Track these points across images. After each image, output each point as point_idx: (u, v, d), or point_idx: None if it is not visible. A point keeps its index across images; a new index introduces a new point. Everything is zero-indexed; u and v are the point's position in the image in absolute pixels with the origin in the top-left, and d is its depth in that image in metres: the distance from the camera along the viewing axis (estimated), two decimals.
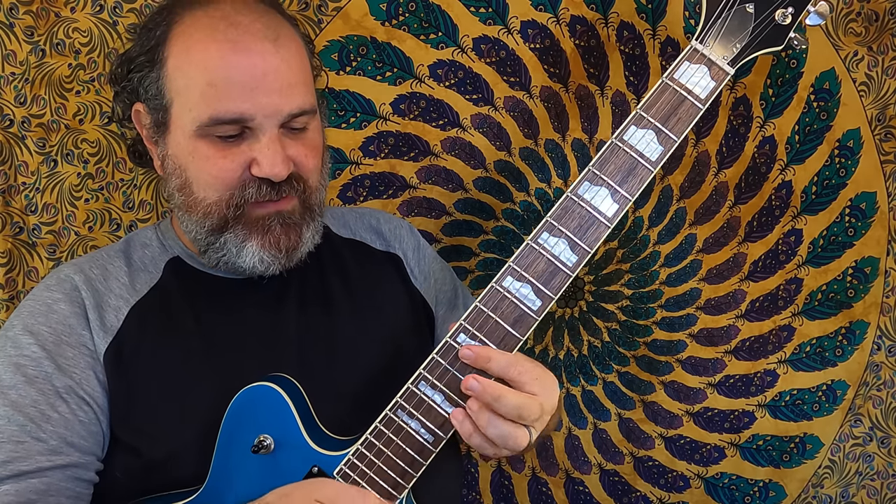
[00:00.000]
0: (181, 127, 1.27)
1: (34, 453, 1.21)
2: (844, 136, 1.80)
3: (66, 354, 1.27)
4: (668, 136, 1.16)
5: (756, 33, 1.17)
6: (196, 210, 1.29)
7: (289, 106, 1.26)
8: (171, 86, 1.27)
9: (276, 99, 1.24)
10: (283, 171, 1.25)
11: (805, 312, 1.88)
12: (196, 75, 1.24)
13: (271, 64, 1.25)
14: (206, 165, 1.26)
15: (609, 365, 1.92)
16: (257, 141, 1.25)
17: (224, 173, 1.26)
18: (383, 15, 1.73)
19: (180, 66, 1.26)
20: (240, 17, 1.27)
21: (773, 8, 1.17)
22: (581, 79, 1.79)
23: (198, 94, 1.24)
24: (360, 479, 1.19)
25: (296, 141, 1.29)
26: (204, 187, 1.28)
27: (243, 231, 1.29)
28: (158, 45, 1.29)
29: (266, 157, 1.24)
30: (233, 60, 1.23)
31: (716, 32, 1.17)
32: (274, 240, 1.29)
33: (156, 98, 1.29)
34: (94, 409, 1.27)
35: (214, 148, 1.25)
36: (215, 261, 1.32)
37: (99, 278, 1.35)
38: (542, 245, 1.16)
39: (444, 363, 1.17)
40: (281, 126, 1.26)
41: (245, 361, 1.32)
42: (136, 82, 1.32)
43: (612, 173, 1.16)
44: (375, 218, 1.56)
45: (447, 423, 1.18)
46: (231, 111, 1.23)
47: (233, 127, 1.24)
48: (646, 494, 1.97)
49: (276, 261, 1.30)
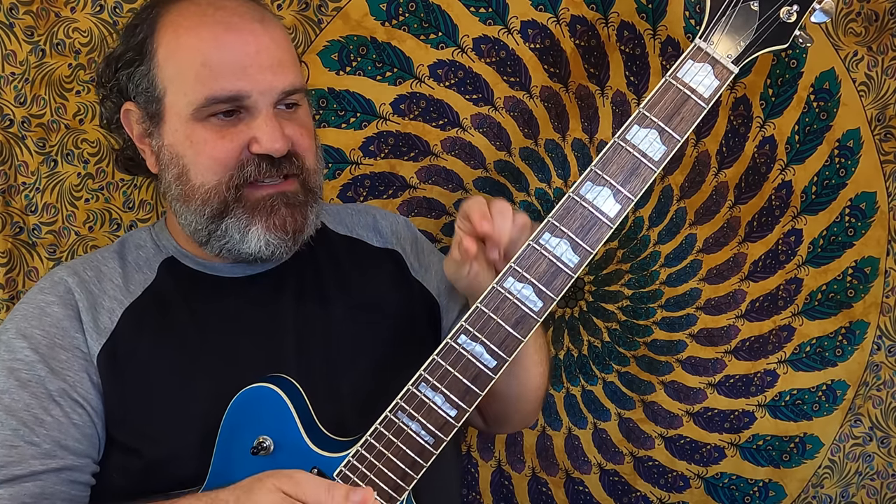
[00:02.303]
0: (177, 114, 1.28)
1: (28, 457, 1.21)
2: (844, 136, 1.80)
3: (60, 357, 1.27)
4: (671, 136, 1.16)
5: (761, 31, 1.16)
6: (194, 198, 1.30)
7: (282, 82, 1.28)
8: (163, 75, 1.29)
9: (269, 76, 1.27)
10: (283, 147, 1.27)
11: (805, 312, 1.88)
12: (189, 59, 1.26)
13: (262, 42, 1.28)
14: (204, 149, 1.27)
15: (609, 365, 1.92)
16: (254, 119, 1.27)
17: (223, 154, 1.27)
18: (383, 15, 1.73)
19: (172, 54, 1.28)
20: (224, 1, 1.30)
21: (779, 5, 1.16)
22: (581, 79, 1.79)
23: (192, 77, 1.26)
24: (359, 481, 1.18)
25: (289, 121, 1.32)
26: (202, 172, 1.28)
27: (245, 214, 1.29)
28: (146, 38, 1.31)
29: (265, 132, 1.26)
30: (225, 40, 1.26)
31: (720, 30, 1.16)
32: (280, 221, 1.30)
33: (147, 91, 1.30)
34: (88, 411, 1.27)
35: (212, 131, 1.27)
36: (218, 249, 1.32)
37: (93, 280, 1.35)
38: (544, 246, 1.15)
39: (445, 364, 1.17)
40: (275, 105, 1.29)
41: (242, 360, 1.32)
42: (124, 80, 1.34)
43: (615, 173, 1.15)
44: (372, 215, 1.56)
45: (448, 424, 1.17)
46: (227, 89, 1.25)
47: (228, 105, 1.26)
48: (646, 494, 1.97)
49: (282, 243, 1.31)
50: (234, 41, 1.27)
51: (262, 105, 1.27)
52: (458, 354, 1.17)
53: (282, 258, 1.35)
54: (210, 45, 1.26)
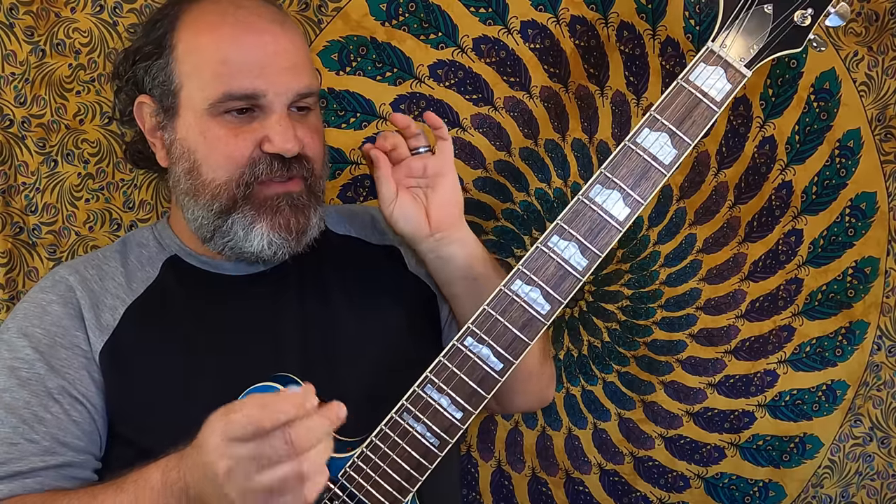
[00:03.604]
0: (192, 108, 1.30)
1: (28, 454, 1.23)
2: (844, 136, 1.80)
3: (60, 356, 1.29)
4: (682, 140, 1.16)
5: (774, 35, 1.15)
6: (204, 193, 1.31)
7: (298, 84, 1.31)
8: (181, 69, 1.31)
9: (286, 77, 1.29)
10: (295, 147, 1.29)
11: (805, 312, 1.88)
12: (208, 55, 1.29)
13: (281, 44, 1.31)
14: (217, 145, 1.29)
15: (609, 365, 1.92)
16: (268, 118, 1.29)
17: (236, 151, 1.29)
18: (383, 15, 1.73)
19: (191, 49, 1.31)
20: (245, 2, 1.33)
21: (793, 9, 1.15)
22: (581, 79, 1.79)
23: (210, 73, 1.28)
24: (364, 483, 1.18)
25: (302, 124, 1.34)
26: (214, 168, 1.30)
27: (252, 212, 1.30)
28: (166, 33, 1.33)
29: (278, 132, 1.28)
30: (245, 40, 1.29)
31: (733, 33, 1.15)
32: (284, 221, 1.31)
33: (164, 84, 1.32)
34: (87, 408, 1.28)
35: (226, 128, 1.29)
36: (221, 246, 1.33)
37: (94, 278, 1.37)
38: (553, 248, 1.15)
39: (451, 367, 1.17)
40: (289, 107, 1.31)
41: (245, 358, 1.33)
42: (141, 73, 1.36)
43: (625, 177, 1.15)
44: (370, 215, 1.57)
45: (453, 426, 1.17)
46: (244, 87, 1.27)
47: (243, 102, 1.28)
48: (646, 494, 1.97)
49: (285, 243, 1.32)
50: (253, 41, 1.29)
51: (276, 105, 1.29)
52: (465, 357, 1.17)
53: (283, 258, 1.35)
54: (229, 44, 1.28)
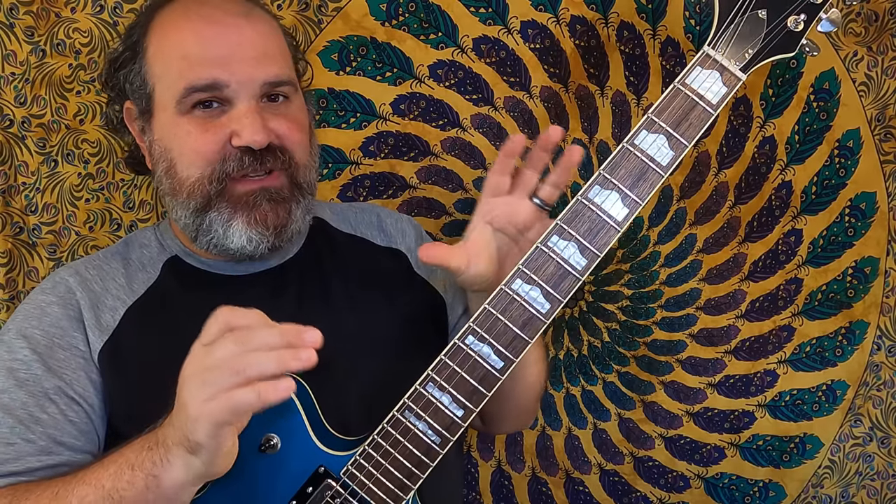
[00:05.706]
0: (164, 108, 1.30)
1: (24, 454, 1.23)
2: (844, 136, 1.80)
3: (58, 356, 1.29)
4: (679, 142, 1.16)
5: (768, 39, 1.17)
6: (181, 191, 1.31)
7: (263, 74, 1.29)
8: (152, 71, 1.31)
9: (249, 67, 1.28)
10: (264, 139, 1.27)
11: (805, 312, 1.88)
12: (172, 54, 1.29)
13: (245, 35, 1.29)
14: (188, 141, 1.29)
15: (609, 365, 1.92)
16: (235, 110, 1.28)
17: (204, 146, 1.28)
18: (383, 15, 1.73)
19: (158, 51, 1.31)
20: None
21: (786, 15, 1.17)
22: (581, 79, 1.79)
23: (175, 71, 1.28)
24: (366, 480, 1.18)
25: (276, 114, 1.32)
26: (187, 165, 1.30)
27: (228, 209, 1.30)
28: (139, 38, 1.34)
29: (244, 125, 1.26)
30: (205, 33, 1.28)
31: (728, 38, 1.16)
32: (261, 216, 1.30)
33: (140, 88, 1.33)
34: (85, 408, 1.28)
35: (195, 124, 1.28)
36: (206, 245, 1.33)
37: (95, 279, 1.37)
38: (552, 248, 1.15)
39: (453, 365, 1.17)
40: (262, 98, 1.30)
41: None
42: (122, 80, 1.36)
43: (623, 178, 1.16)
44: (376, 214, 1.56)
45: (454, 424, 1.17)
46: (203, 77, 1.26)
47: (206, 94, 1.27)
48: (646, 494, 1.97)
49: (263, 238, 1.31)
50: (214, 34, 1.28)
51: (242, 96, 1.27)
52: (466, 355, 1.17)
53: (264, 253, 1.35)
54: (190, 38, 1.28)
